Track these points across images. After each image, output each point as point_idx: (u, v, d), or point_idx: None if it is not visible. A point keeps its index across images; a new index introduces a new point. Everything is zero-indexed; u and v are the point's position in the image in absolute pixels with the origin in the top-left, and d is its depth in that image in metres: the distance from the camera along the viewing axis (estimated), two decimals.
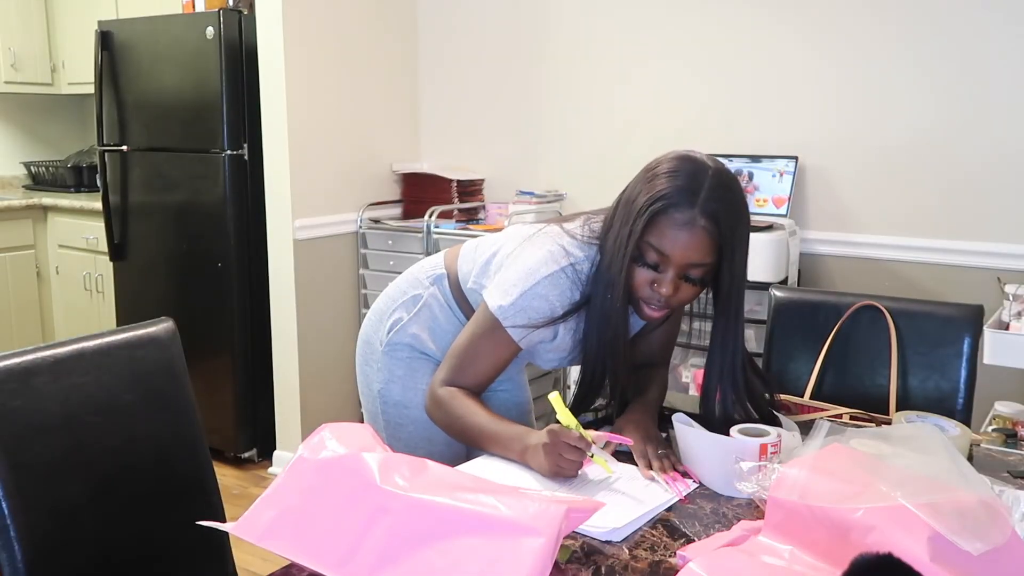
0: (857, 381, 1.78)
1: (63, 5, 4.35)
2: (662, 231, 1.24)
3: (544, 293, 1.33)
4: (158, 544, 1.32)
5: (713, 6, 2.85)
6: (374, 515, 0.97)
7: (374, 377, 1.57)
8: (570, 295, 1.35)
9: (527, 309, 1.34)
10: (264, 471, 3.30)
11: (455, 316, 1.53)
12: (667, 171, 1.26)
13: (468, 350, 1.39)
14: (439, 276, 1.55)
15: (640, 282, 1.28)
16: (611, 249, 1.30)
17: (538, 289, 1.33)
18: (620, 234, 1.27)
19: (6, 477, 1.13)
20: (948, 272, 2.54)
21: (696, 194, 1.23)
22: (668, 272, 1.26)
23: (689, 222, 1.23)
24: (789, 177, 2.68)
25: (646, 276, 1.28)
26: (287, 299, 3.12)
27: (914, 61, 2.53)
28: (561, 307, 1.35)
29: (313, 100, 3.08)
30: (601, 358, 1.36)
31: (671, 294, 1.27)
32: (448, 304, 1.53)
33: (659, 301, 1.29)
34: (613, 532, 1.09)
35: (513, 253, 1.41)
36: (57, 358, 1.24)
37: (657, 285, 1.27)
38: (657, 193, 1.24)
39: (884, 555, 0.83)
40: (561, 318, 1.35)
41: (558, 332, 1.40)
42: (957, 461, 1.02)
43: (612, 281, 1.29)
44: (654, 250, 1.25)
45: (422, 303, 1.53)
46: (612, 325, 1.32)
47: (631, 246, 1.25)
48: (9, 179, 4.68)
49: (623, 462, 1.33)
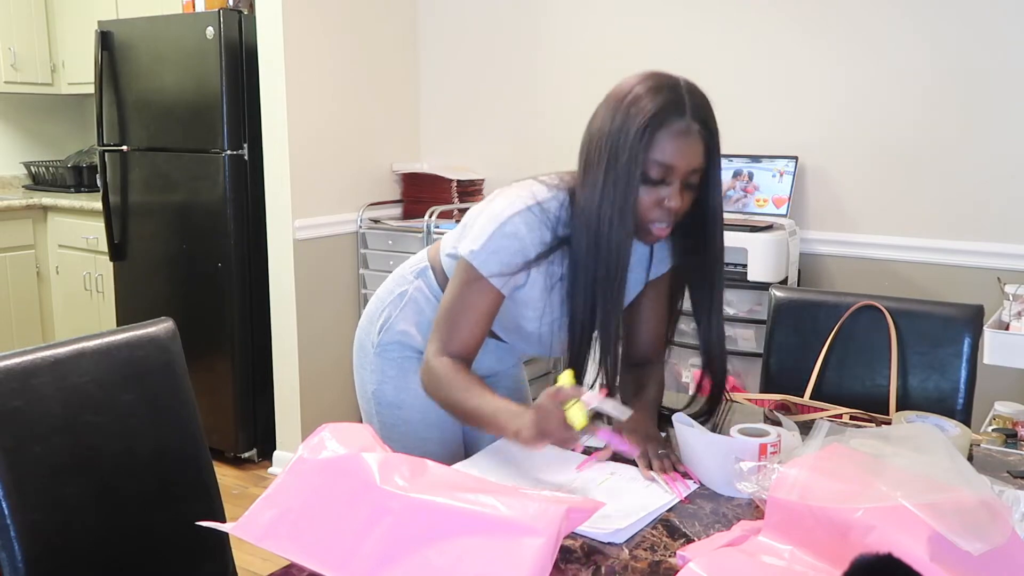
0: (857, 381, 1.78)
1: (63, 5, 4.35)
2: (663, 145, 1.26)
3: (512, 231, 1.32)
4: (158, 544, 1.32)
5: (713, 6, 2.85)
6: (374, 515, 0.97)
7: (368, 379, 1.57)
8: (540, 235, 1.34)
9: (499, 250, 1.33)
10: (264, 471, 3.30)
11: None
12: (647, 90, 1.28)
13: (451, 309, 1.37)
14: (423, 269, 1.54)
15: (646, 204, 1.29)
16: (605, 182, 1.28)
17: (506, 228, 1.32)
18: (617, 163, 1.26)
19: (6, 477, 1.13)
20: (948, 272, 2.54)
21: (682, 103, 1.27)
22: (674, 183, 1.28)
23: (685, 130, 1.26)
24: (789, 177, 2.68)
25: (651, 196, 1.28)
26: (287, 299, 3.12)
27: (914, 61, 2.53)
28: (533, 247, 1.33)
29: (313, 100, 3.08)
30: (590, 305, 1.33)
31: (679, 205, 1.29)
32: (434, 295, 1.51)
33: (667, 217, 1.30)
34: (615, 534, 1.08)
35: (483, 209, 1.40)
36: (57, 358, 1.24)
37: (665, 200, 1.28)
38: (649, 111, 1.26)
39: (884, 555, 0.83)
40: (535, 260, 1.34)
41: (529, 276, 1.37)
42: (957, 461, 1.02)
43: (618, 209, 1.27)
44: (658, 165, 1.26)
45: (407, 298, 1.53)
46: (608, 261, 1.29)
47: (638, 168, 1.26)
48: (9, 179, 4.68)
49: (623, 462, 1.33)
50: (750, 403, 1.66)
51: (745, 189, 2.73)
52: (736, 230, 2.50)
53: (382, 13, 3.34)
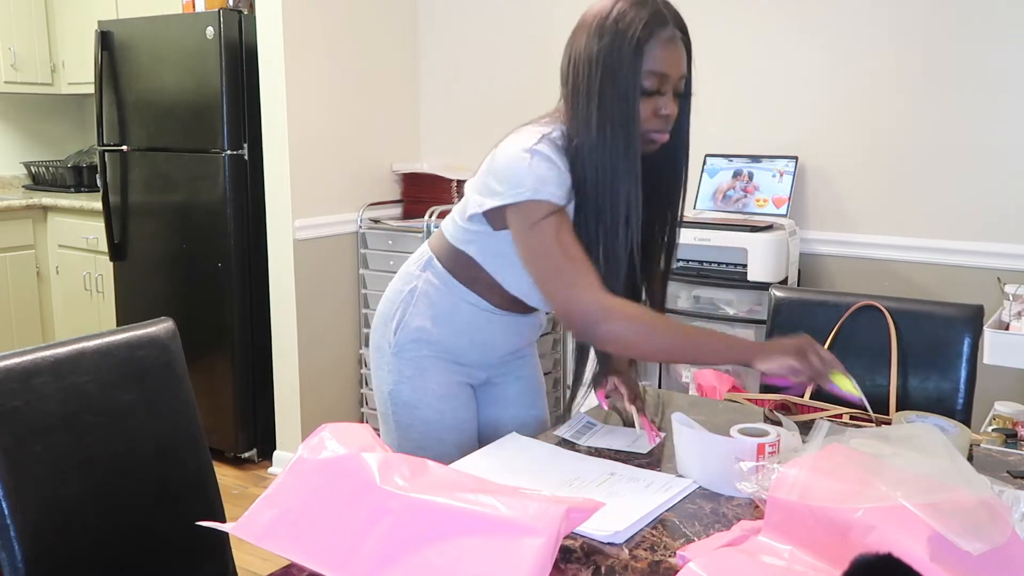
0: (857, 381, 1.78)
1: (63, 5, 4.35)
2: (655, 55, 1.30)
3: (546, 157, 1.32)
4: (158, 544, 1.32)
5: (713, 6, 2.85)
6: (374, 515, 0.97)
7: (385, 379, 1.56)
8: (564, 162, 1.35)
9: (545, 177, 1.31)
10: (264, 471, 3.31)
11: (453, 292, 1.50)
12: (629, 5, 1.31)
13: (562, 253, 1.30)
14: (427, 260, 1.53)
15: (645, 115, 1.32)
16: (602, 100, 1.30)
17: (538, 158, 1.32)
18: (615, 79, 1.29)
19: (6, 477, 1.13)
20: (948, 272, 2.54)
21: (663, 13, 1.32)
22: (668, 91, 1.32)
23: (672, 37, 1.32)
24: (789, 177, 2.68)
25: (648, 107, 1.32)
26: (287, 299, 3.12)
27: (915, 61, 2.53)
28: (566, 171, 1.34)
29: (313, 100, 3.08)
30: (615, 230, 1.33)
31: (674, 112, 1.34)
32: (444, 283, 1.50)
33: (665, 124, 1.34)
34: (615, 534, 1.08)
35: (491, 163, 1.40)
36: (57, 358, 1.24)
37: (661, 108, 1.32)
38: (638, 24, 1.30)
39: (884, 555, 0.83)
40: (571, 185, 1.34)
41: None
42: (957, 461, 1.02)
43: (622, 123, 1.30)
44: (653, 75, 1.30)
45: (417, 293, 1.52)
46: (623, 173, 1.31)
47: (637, 79, 1.29)
48: (9, 179, 4.68)
49: (622, 462, 1.33)
50: (750, 403, 1.66)
51: (745, 189, 2.73)
52: (736, 230, 2.50)
53: (382, 13, 3.34)
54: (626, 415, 1.34)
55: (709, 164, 2.81)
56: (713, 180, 2.79)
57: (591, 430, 1.48)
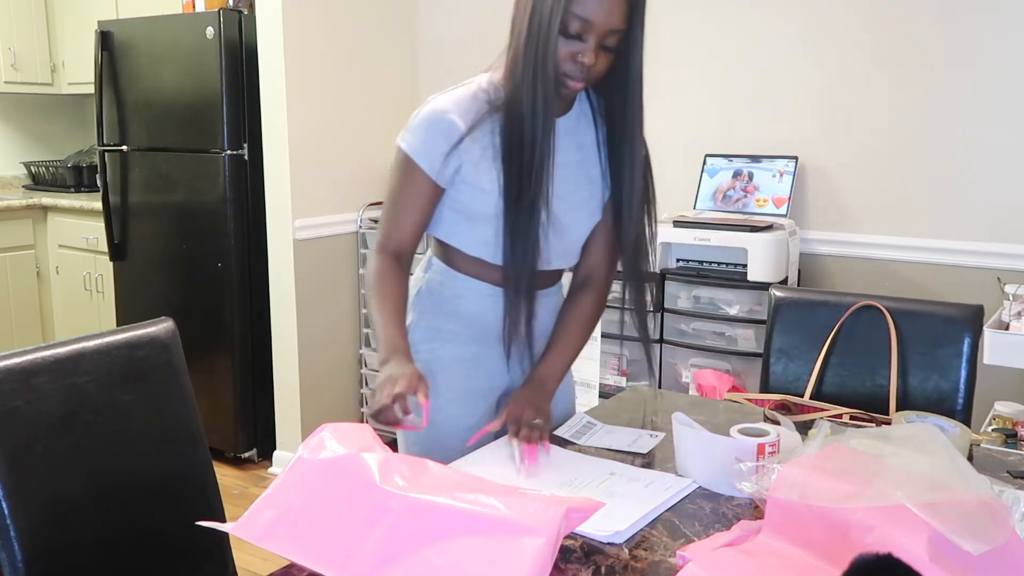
0: (857, 381, 1.78)
1: (63, 5, 4.35)
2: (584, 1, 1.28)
3: (443, 107, 1.38)
4: (158, 544, 1.32)
5: (713, 6, 2.85)
6: (374, 515, 0.97)
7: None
8: (467, 106, 1.39)
9: (429, 129, 1.38)
10: (264, 471, 3.31)
11: (455, 281, 1.48)
12: None
13: (389, 199, 1.43)
14: (428, 261, 1.54)
15: (563, 56, 1.31)
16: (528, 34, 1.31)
17: (435, 105, 1.39)
18: (540, 14, 1.29)
19: (6, 477, 1.13)
20: (948, 272, 2.54)
21: None
22: (590, 40, 1.30)
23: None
24: (789, 177, 2.68)
25: (568, 49, 1.31)
26: (287, 299, 3.12)
27: (914, 61, 2.53)
28: (462, 119, 1.37)
29: (313, 100, 3.08)
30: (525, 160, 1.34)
31: (593, 63, 1.31)
32: (443, 274, 1.49)
33: (581, 71, 1.32)
34: (615, 534, 1.08)
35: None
36: (57, 358, 1.24)
37: (580, 55, 1.31)
38: None
39: (884, 555, 0.83)
40: (467, 132, 1.37)
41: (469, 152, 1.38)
42: (957, 461, 1.02)
43: (540, 55, 1.30)
44: (577, 19, 1.29)
45: (422, 291, 1.52)
46: (535, 105, 1.32)
47: (557, 17, 1.28)
48: (9, 179, 4.68)
49: (621, 461, 1.33)
50: (750, 403, 1.66)
51: (745, 189, 2.73)
52: (736, 230, 2.50)
53: (382, 13, 3.34)
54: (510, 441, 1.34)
55: (709, 164, 2.81)
56: (713, 180, 2.79)
57: (591, 430, 1.48)
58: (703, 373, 2.43)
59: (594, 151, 1.47)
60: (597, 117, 1.47)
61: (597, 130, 1.47)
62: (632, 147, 1.42)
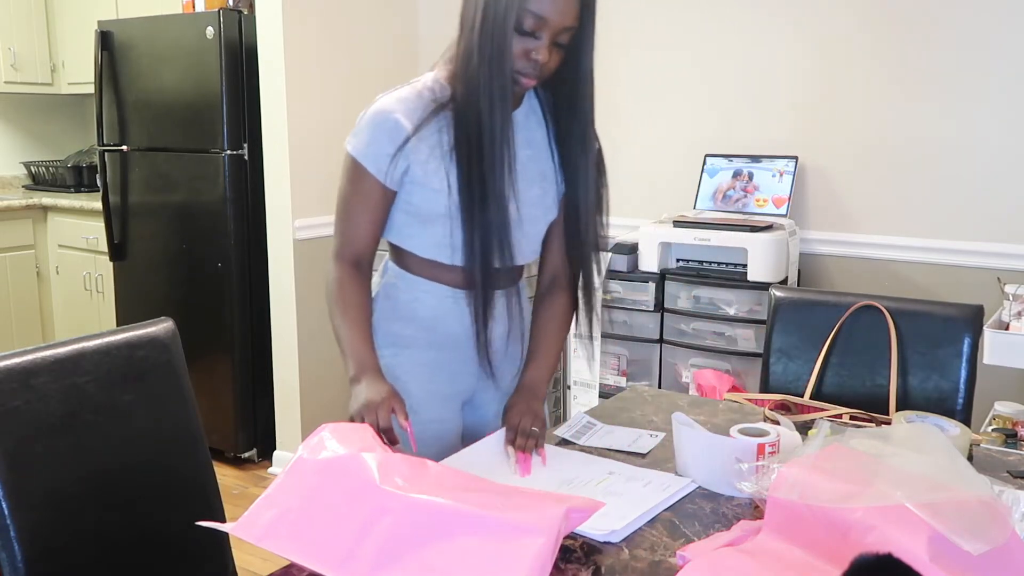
0: (857, 381, 1.78)
1: (63, 5, 4.36)
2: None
3: (387, 108, 1.37)
4: (158, 544, 1.32)
5: (713, 6, 2.85)
6: (374, 515, 0.97)
7: None
8: (413, 106, 1.37)
9: (374, 130, 1.37)
10: (264, 471, 3.31)
11: (412, 286, 1.46)
12: None
13: (340, 205, 1.42)
14: (384, 265, 1.51)
15: (516, 53, 1.32)
16: (482, 31, 1.31)
17: (380, 106, 1.38)
18: (495, 11, 1.29)
19: (6, 477, 1.13)
20: (948, 272, 2.54)
21: None
22: (544, 37, 1.31)
23: None
24: (789, 177, 2.68)
25: (521, 46, 1.31)
26: (287, 299, 3.12)
27: (914, 61, 2.53)
28: (408, 120, 1.36)
29: (313, 100, 3.08)
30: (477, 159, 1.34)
31: (546, 60, 1.32)
32: (399, 277, 1.47)
33: (535, 68, 1.33)
34: (612, 534, 1.08)
35: None
36: (57, 358, 1.24)
37: (534, 52, 1.31)
38: None
39: (884, 555, 0.83)
40: (414, 131, 1.36)
41: (416, 152, 1.37)
42: (957, 461, 1.02)
43: (495, 53, 1.30)
44: (532, 16, 1.29)
45: (380, 295, 1.49)
46: (491, 104, 1.32)
47: (512, 13, 1.28)
48: (9, 179, 4.68)
49: (621, 461, 1.33)
50: (750, 403, 1.66)
51: (745, 189, 2.73)
52: (736, 230, 2.50)
53: (382, 13, 3.34)
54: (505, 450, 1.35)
55: (709, 164, 2.81)
56: (713, 180, 2.79)
57: (591, 430, 1.48)
58: (703, 373, 2.43)
59: (545, 148, 1.47)
60: (546, 114, 1.46)
61: (548, 127, 1.47)
62: (584, 143, 1.43)
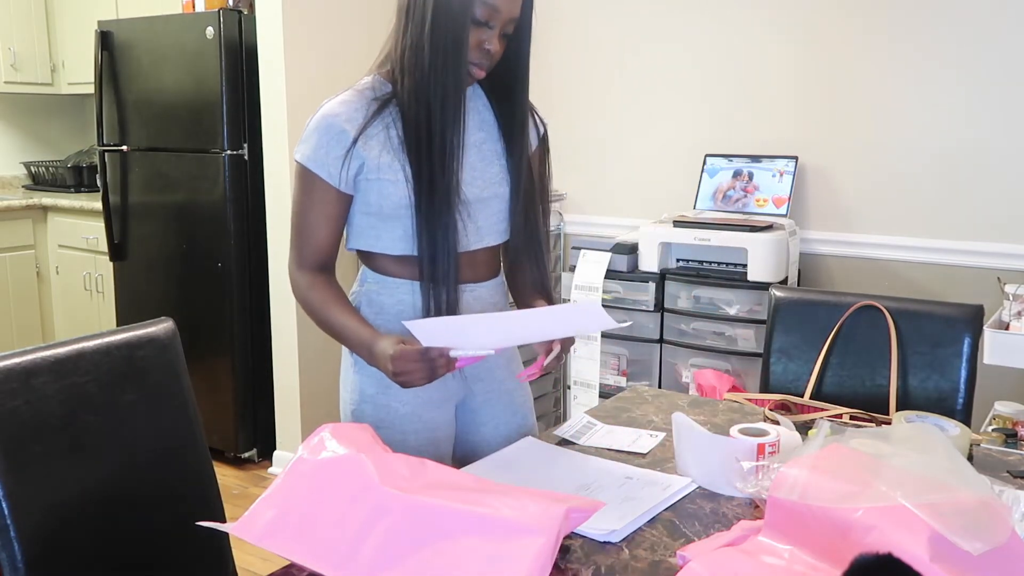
0: (857, 381, 1.78)
1: (63, 5, 4.36)
2: None
3: (332, 111, 1.40)
4: (158, 544, 1.32)
5: (713, 6, 2.85)
6: (374, 516, 0.97)
7: (347, 400, 1.50)
8: (357, 106, 1.41)
9: (321, 135, 1.38)
10: (264, 471, 3.30)
11: (394, 288, 1.46)
12: None
13: (295, 216, 1.42)
14: (361, 273, 1.51)
15: (471, 44, 1.34)
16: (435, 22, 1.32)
17: (324, 111, 1.40)
18: (449, 2, 1.31)
19: (6, 477, 1.13)
20: (948, 272, 2.54)
21: None
22: (496, 27, 1.34)
23: None
24: (789, 177, 2.68)
25: (475, 37, 1.34)
26: (287, 299, 3.12)
27: (914, 61, 2.53)
28: (354, 121, 1.39)
29: (313, 100, 3.07)
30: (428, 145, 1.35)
31: (497, 49, 1.36)
32: (377, 281, 1.47)
33: (487, 59, 1.36)
34: (612, 533, 1.09)
35: None
36: (57, 358, 1.24)
37: (485, 42, 1.35)
38: None
39: (884, 555, 0.83)
40: (361, 129, 1.38)
41: (367, 149, 1.38)
42: (957, 461, 1.02)
43: (451, 44, 1.32)
44: (486, 6, 1.32)
45: (363, 302, 1.49)
46: (448, 96, 1.34)
47: (471, 5, 1.31)
48: (9, 179, 4.68)
49: (621, 461, 1.33)
50: (750, 403, 1.66)
51: (745, 189, 2.73)
52: (736, 230, 2.51)
53: (382, 13, 3.33)
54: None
55: (709, 164, 2.81)
56: (713, 180, 2.80)
57: (591, 430, 1.48)
58: (703, 373, 2.43)
59: (495, 129, 1.49)
60: (490, 99, 1.49)
61: (493, 110, 1.49)
62: (524, 123, 1.46)
